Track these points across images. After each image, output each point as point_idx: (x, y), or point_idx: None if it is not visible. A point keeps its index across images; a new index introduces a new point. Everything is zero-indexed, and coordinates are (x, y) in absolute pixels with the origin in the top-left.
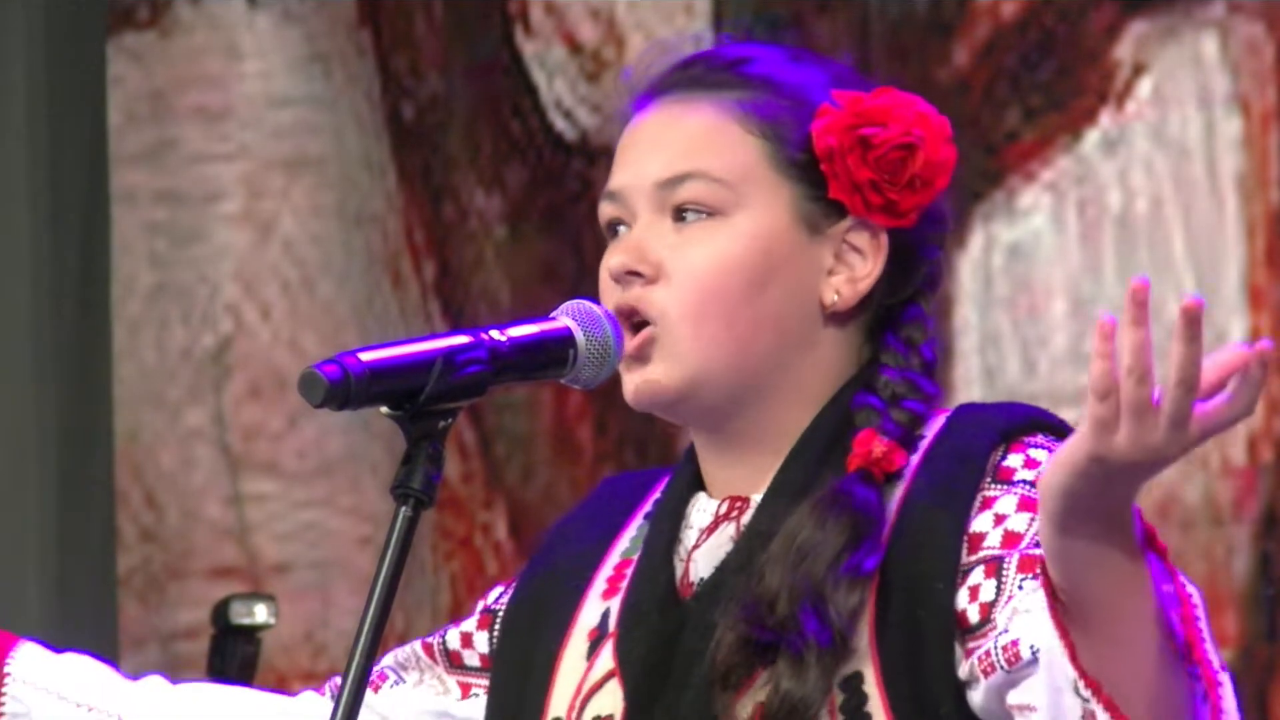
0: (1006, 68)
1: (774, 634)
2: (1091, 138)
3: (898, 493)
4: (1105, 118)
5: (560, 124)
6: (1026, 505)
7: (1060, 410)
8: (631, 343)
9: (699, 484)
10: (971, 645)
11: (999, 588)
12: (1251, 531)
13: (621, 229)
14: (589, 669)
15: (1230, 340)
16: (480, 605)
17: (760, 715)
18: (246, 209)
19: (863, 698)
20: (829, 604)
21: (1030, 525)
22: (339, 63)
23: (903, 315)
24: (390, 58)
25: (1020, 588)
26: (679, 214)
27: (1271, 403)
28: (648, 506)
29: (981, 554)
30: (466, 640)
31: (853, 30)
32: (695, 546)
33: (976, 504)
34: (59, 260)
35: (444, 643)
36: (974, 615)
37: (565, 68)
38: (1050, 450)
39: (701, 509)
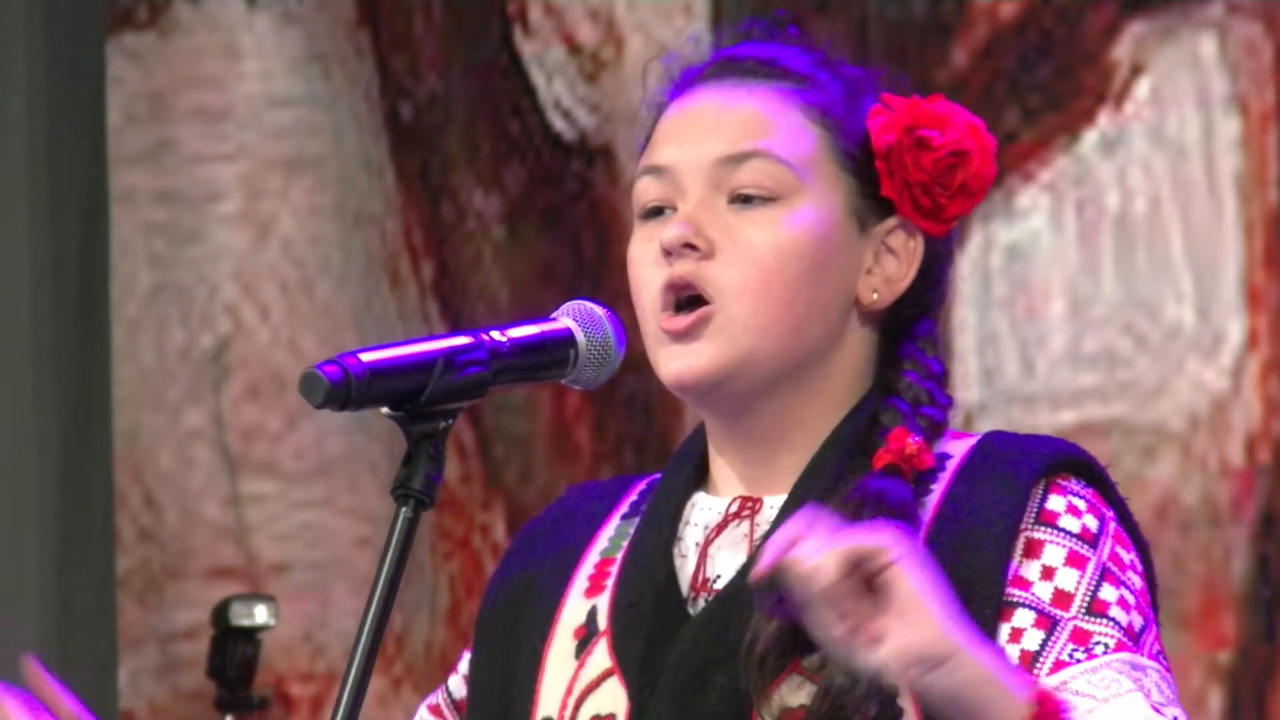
0: (1005, 69)
1: None
2: (1090, 138)
3: (930, 503)
4: (1103, 118)
5: (559, 124)
6: (1074, 561)
7: (1059, 411)
8: (681, 321)
9: (698, 481)
10: None
11: (1045, 643)
12: (1249, 533)
13: (666, 212)
14: (580, 667)
15: (1228, 341)
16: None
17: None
18: (245, 209)
19: (898, 710)
20: None
21: (1079, 585)
22: (338, 63)
23: (917, 328)
24: (389, 58)
25: (1071, 659)
26: (736, 196)
27: (1270, 404)
28: (624, 508)
29: (1028, 598)
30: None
31: (851, 31)
32: (708, 543)
33: (1020, 542)
34: (59, 260)
35: (449, 694)
36: (1011, 656)
37: (564, 68)
38: (1086, 499)
39: (705, 508)
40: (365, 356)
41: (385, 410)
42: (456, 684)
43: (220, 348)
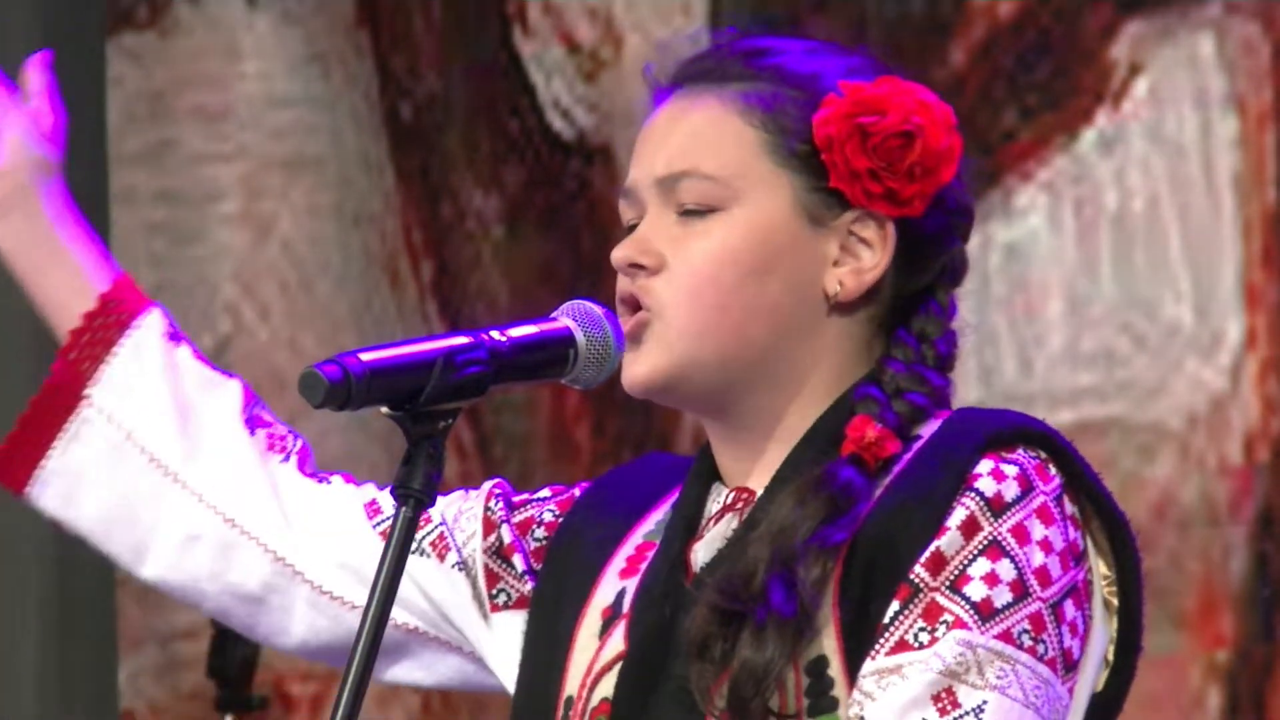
0: (1003, 68)
1: (743, 605)
2: (1088, 137)
3: (882, 483)
4: (1102, 117)
5: (558, 124)
6: (967, 527)
7: (1057, 411)
8: (627, 325)
9: (717, 473)
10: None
11: (897, 615)
12: (1248, 532)
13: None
14: (600, 648)
15: (1227, 340)
16: (531, 502)
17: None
18: (245, 209)
19: (828, 682)
20: (797, 576)
21: (958, 555)
22: (337, 63)
23: (918, 308)
24: (388, 58)
25: (915, 641)
26: (681, 209)
27: (1268, 403)
28: (676, 494)
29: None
30: (525, 526)
31: (850, 30)
32: (698, 537)
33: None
34: None
35: (453, 536)
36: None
37: (563, 67)
38: (1023, 466)
39: (716, 499)
40: (365, 356)
41: (385, 410)
42: (508, 533)
43: (220, 347)
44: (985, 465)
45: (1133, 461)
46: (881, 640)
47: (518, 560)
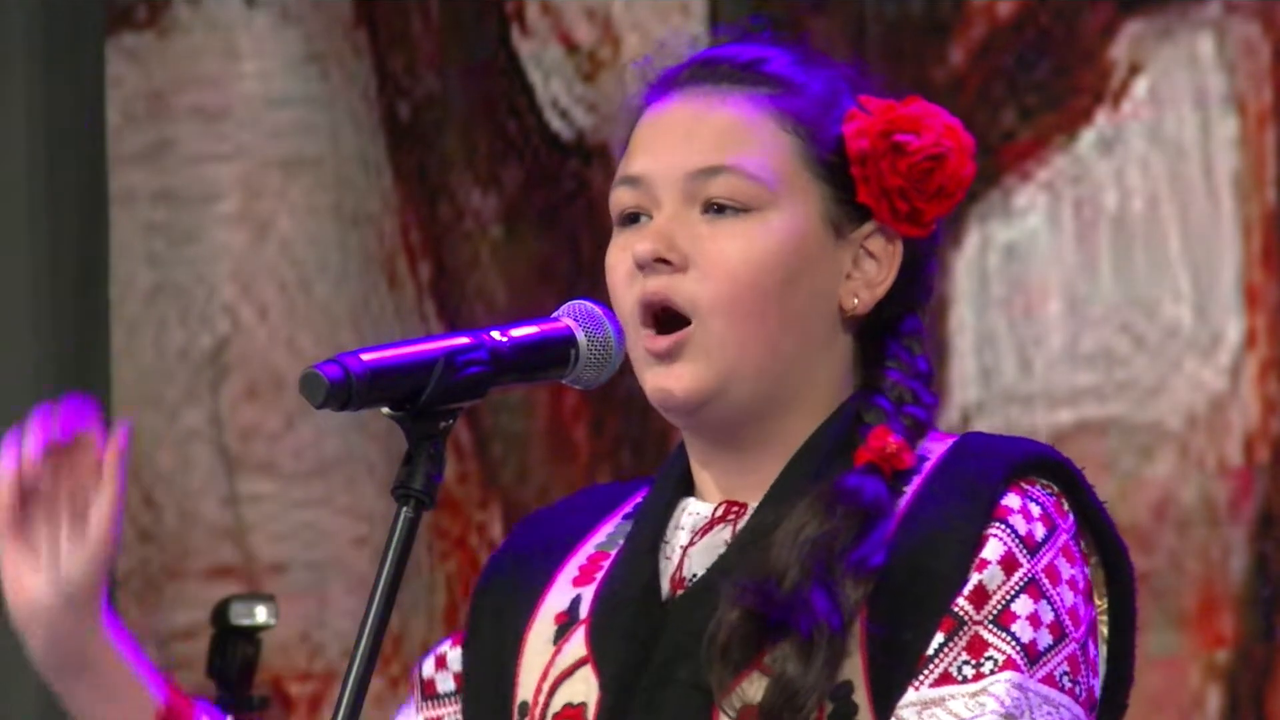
0: (1002, 68)
1: (782, 611)
2: (1087, 137)
3: (901, 503)
4: (1101, 117)
5: (556, 124)
6: (1006, 563)
7: (1057, 411)
8: (663, 342)
9: (687, 487)
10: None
11: (942, 647)
12: (1248, 532)
13: (642, 219)
14: (556, 654)
15: (1226, 340)
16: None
17: (752, 714)
18: (244, 209)
19: (852, 708)
20: (843, 591)
21: (1000, 589)
22: (336, 63)
23: (902, 326)
24: (387, 58)
25: (959, 675)
26: (709, 206)
27: (1268, 403)
28: (628, 508)
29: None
30: (440, 663)
31: (849, 30)
32: (690, 545)
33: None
34: (57, 260)
35: (420, 671)
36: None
37: (561, 67)
38: (1044, 504)
39: (693, 512)
40: (366, 356)
41: (386, 410)
42: (429, 665)
43: (219, 348)
44: (1014, 500)
45: (1132, 461)
46: (925, 672)
47: (445, 681)
